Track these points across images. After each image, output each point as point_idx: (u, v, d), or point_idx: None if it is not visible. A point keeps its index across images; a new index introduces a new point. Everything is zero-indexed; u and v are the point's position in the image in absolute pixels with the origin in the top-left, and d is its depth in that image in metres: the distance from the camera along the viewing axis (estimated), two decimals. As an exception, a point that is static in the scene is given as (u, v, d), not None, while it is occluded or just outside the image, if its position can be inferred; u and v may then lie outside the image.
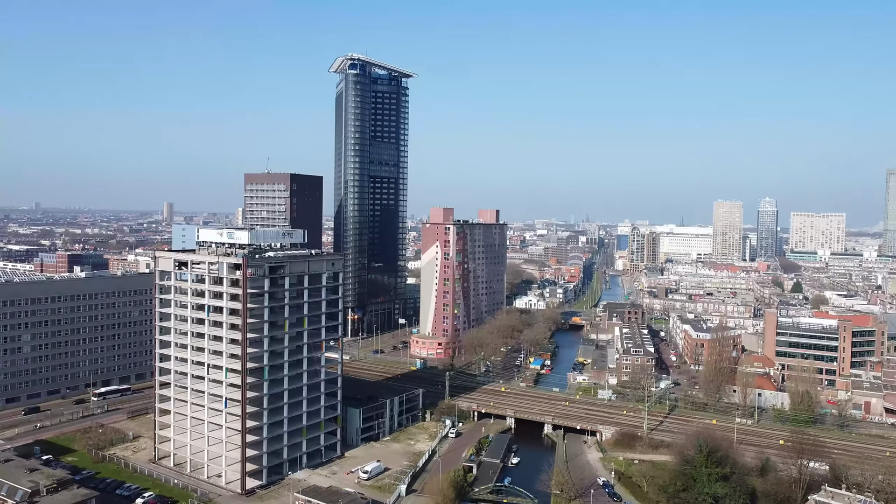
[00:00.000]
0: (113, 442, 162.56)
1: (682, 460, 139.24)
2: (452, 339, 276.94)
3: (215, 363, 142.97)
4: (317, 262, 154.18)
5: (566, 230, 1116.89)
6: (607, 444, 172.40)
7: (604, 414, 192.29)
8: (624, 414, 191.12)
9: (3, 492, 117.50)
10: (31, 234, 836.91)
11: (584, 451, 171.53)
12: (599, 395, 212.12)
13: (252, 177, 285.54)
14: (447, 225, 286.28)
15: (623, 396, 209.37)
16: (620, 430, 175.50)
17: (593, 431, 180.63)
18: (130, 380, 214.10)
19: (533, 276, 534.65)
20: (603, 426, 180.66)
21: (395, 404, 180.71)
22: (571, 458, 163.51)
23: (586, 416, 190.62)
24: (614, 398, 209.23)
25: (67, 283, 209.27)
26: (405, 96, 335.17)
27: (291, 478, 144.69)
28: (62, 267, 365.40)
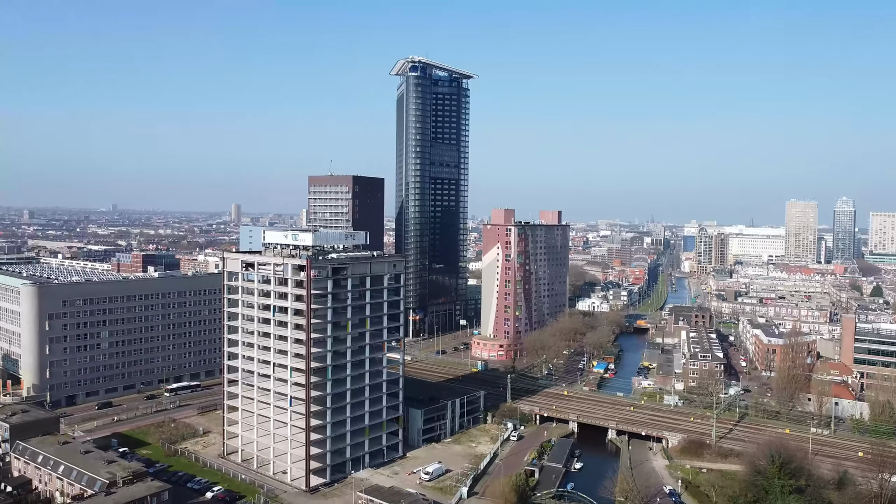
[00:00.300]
0: (184, 436, 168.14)
1: (753, 470, 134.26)
2: (514, 342, 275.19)
3: (280, 362, 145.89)
4: (378, 263, 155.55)
5: (630, 231, 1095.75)
6: (673, 452, 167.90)
7: (670, 420, 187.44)
8: (691, 421, 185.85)
9: (84, 482, 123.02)
10: (109, 234, 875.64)
11: (650, 457, 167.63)
12: (665, 401, 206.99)
13: (316, 179, 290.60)
14: (508, 226, 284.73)
15: (690, 402, 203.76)
16: (687, 438, 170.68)
17: (659, 438, 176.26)
18: (200, 376, 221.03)
19: (596, 277, 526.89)
20: (669, 433, 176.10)
21: (456, 406, 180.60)
22: (636, 465, 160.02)
23: (652, 421, 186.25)
24: (681, 404, 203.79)
25: (142, 283, 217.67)
26: (466, 97, 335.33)
27: (354, 476, 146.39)
28: (137, 266, 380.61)
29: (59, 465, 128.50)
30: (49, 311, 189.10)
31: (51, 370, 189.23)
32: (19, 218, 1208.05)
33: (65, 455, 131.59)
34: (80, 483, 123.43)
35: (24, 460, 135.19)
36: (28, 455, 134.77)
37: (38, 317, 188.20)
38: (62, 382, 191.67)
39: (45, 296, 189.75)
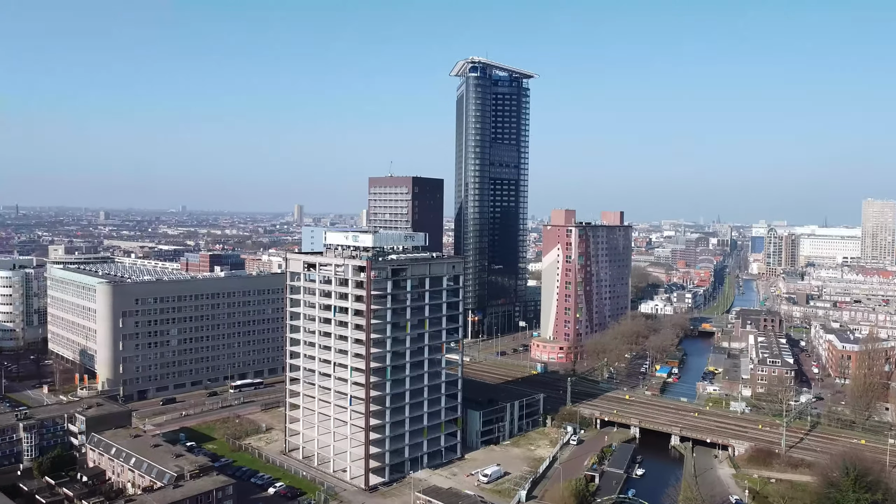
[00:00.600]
0: (248, 432, 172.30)
1: (825, 482, 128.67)
2: (574, 344, 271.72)
3: (341, 362, 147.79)
4: (438, 264, 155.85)
5: (695, 231, 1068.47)
6: (740, 460, 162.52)
7: (737, 427, 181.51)
8: (759, 428, 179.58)
9: (153, 474, 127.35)
10: (178, 234, 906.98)
11: (715, 466, 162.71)
12: (732, 408, 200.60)
13: (376, 180, 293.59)
14: (569, 227, 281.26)
15: (758, 410, 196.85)
16: (755, 446, 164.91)
17: (725, 446, 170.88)
18: (264, 374, 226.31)
19: (659, 279, 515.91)
20: (735, 440, 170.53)
21: (515, 408, 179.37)
22: (700, 473, 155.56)
23: (717, 428, 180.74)
24: (748, 411, 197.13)
25: (209, 282, 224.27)
26: (526, 97, 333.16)
27: (412, 477, 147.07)
28: (204, 266, 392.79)
29: (130, 458, 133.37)
30: (122, 308, 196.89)
31: (123, 365, 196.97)
32: (96, 218, 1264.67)
33: (136, 448, 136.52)
34: (149, 475, 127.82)
35: (99, 452, 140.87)
36: (102, 447, 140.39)
37: (113, 314, 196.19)
38: (134, 377, 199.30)
39: (118, 294, 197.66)
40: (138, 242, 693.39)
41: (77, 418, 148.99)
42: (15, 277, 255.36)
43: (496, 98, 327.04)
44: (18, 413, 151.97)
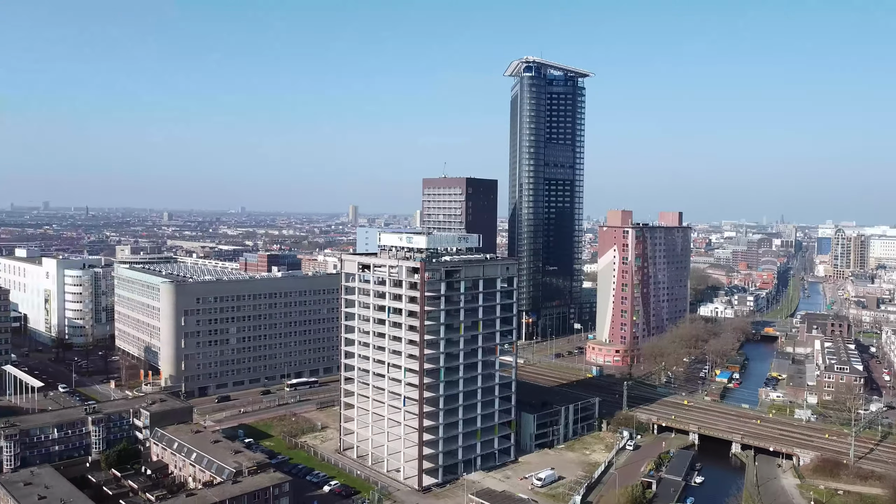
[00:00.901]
0: (304, 430, 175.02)
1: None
2: (630, 347, 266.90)
3: (394, 362, 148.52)
4: (491, 266, 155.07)
5: (757, 232, 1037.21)
6: (805, 471, 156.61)
7: (801, 436, 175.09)
8: (825, 438, 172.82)
9: (213, 469, 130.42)
10: (238, 235, 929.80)
11: (778, 475, 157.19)
12: (796, 415, 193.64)
13: (430, 181, 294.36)
14: (625, 228, 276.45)
15: (824, 418, 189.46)
16: (821, 456, 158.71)
17: (789, 455, 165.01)
18: (319, 373, 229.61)
19: (719, 281, 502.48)
20: (800, 449, 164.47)
21: (570, 412, 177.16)
22: (763, 483, 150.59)
23: (780, 436, 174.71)
24: (814, 419, 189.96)
25: (266, 283, 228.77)
26: (581, 96, 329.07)
27: (466, 479, 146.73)
28: (262, 266, 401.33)
29: (192, 453, 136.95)
30: (184, 307, 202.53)
31: (185, 363, 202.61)
32: (160, 219, 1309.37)
33: (197, 443, 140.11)
34: (209, 470, 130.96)
35: (162, 446, 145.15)
36: (165, 442, 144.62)
37: (175, 312, 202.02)
38: (195, 374, 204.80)
39: (181, 293, 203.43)
40: (199, 242, 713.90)
41: (142, 413, 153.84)
42: (85, 277, 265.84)
43: (551, 97, 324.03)
44: (88, 407, 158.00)
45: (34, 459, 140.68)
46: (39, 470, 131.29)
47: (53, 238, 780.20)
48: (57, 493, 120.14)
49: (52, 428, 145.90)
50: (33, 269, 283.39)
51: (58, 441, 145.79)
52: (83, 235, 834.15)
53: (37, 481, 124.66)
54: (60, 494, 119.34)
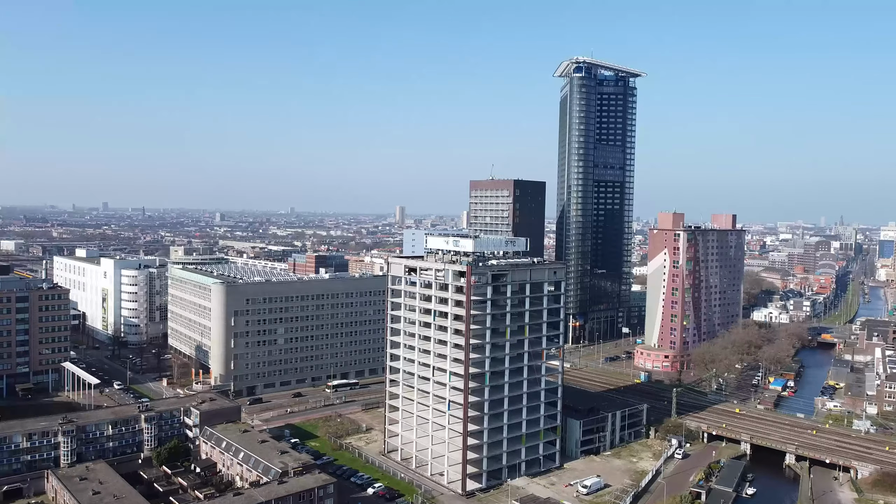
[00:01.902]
0: (349, 432, 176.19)
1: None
2: (680, 353, 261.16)
3: (440, 366, 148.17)
4: (539, 270, 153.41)
5: (815, 234, 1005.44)
6: (864, 484, 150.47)
7: (860, 448, 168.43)
8: (886, 450, 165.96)
9: (260, 469, 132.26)
10: (286, 235, 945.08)
11: (835, 488, 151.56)
12: (855, 426, 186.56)
13: (477, 183, 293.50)
14: (677, 231, 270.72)
15: (885, 430, 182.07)
16: (882, 469, 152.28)
17: (846, 467, 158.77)
18: (364, 374, 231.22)
19: (774, 285, 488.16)
20: (859, 462, 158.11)
21: (617, 418, 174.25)
22: (818, 496, 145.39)
23: (838, 448, 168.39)
24: (873, 431, 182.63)
25: (314, 284, 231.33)
26: (632, 97, 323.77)
27: (510, 484, 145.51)
28: (310, 266, 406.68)
29: (239, 452, 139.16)
30: (234, 307, 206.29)
31: (234, 362, 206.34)
32: (212, 219, 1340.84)
33: (245, 443, 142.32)
34: (256, 470, 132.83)
35: (211, 445, 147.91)
36: (214, 440, 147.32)
37: (226, 313, 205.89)
38: (244, 374, 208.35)
39: (231, 294, 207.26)
40: (250, 243, 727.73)
41: (192, 412, 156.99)
42: (140, 276, 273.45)
43: (601, 98, 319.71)
44: (140, 405, 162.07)
45: (89, 455, 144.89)
46: (94, 465, 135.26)
47: (112, 238, 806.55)
48: (110, 488, 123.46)
49: (107, 425, 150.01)
50: (92, 268, 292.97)
51: (112, 437, 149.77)
52: (139, 235, 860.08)
53: (91, 476, 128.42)
54: (114, 490, 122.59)
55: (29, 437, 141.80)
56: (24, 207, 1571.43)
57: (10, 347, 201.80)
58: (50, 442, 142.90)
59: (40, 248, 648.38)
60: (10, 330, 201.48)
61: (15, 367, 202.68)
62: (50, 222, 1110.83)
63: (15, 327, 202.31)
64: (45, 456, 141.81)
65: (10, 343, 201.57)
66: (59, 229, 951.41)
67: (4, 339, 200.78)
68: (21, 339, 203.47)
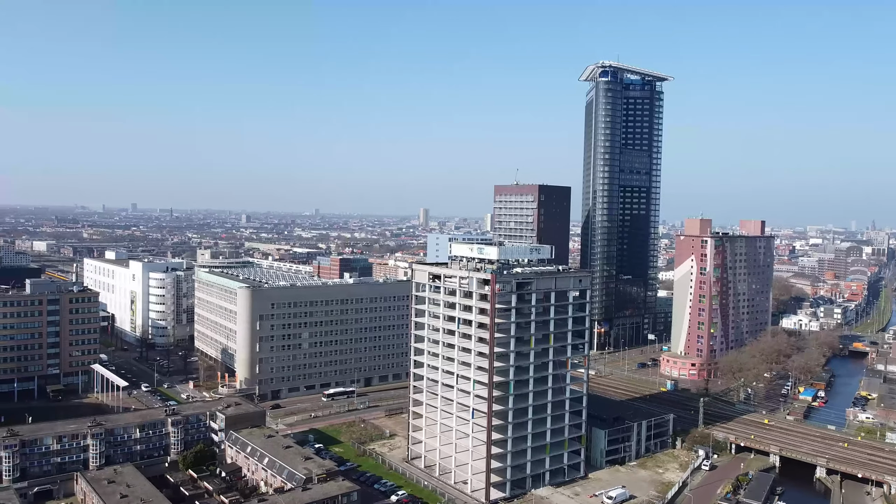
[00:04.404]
0: (372, 437, 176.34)
1: None
2: (707, 361, 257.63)
3: (463, 374, 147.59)
4: (564, 278, 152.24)
5: (846, 239, 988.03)
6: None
7: (894, 462, 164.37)
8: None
9: (284, 475, 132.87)
10: (311, 237, 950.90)
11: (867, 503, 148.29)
12: (888, 439, 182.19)
13: (501, 188, 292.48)
14: (704, 237, 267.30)
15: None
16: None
17: (880, 482, 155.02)
18: (388, 378, 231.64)
19: (804, 292, 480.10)
20: (892, 477, 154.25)
21: (643, 428, 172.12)
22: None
23: (871, 462, 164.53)
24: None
25: (338, 289, 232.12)
26: (659, 101, 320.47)
27: (534, 493, 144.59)
28: (335, 269, 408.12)
29: (264, 457, 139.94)
30: (260, 311, 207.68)
31: (259, 366, 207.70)
32: (238, 221, 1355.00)
33: (269, 448, 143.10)
34: (281, 476, 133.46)
35: (236, 449, 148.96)
36: (239, 445, 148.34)
37: (251, 317, 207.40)
38: (268, 378, 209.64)
39: (257, 298, 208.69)
40: (275, 245, 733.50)
41: (218, 416, 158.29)
42: (167, 279, 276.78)
43: (627, 102, 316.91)
44: (167, 409, 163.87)
45: (117, 458, 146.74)
46: (122, 468, 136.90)
47: (140, 239, 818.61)
48: (138, 491, 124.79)
49: (134, 428, 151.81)
50: (121, 270, 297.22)
51: (139, 441, 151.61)
52: (167, 237, 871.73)
53: (119, 479, 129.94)
54: (141, 494, 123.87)
55: (59, 439, 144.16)
56: (56, 208, 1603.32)
57: (42, 349, 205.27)
58: (79, 444, 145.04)
59: (71, 248, 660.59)
60: (41, 332, 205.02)
61: (46, 369, 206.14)
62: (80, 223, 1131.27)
63: (46, 329, 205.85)
64: (74, 458, 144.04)
65: (41, 345, 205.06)
66: (90, 230, 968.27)
67: (36, 341, 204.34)
68: (52, 342, 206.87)
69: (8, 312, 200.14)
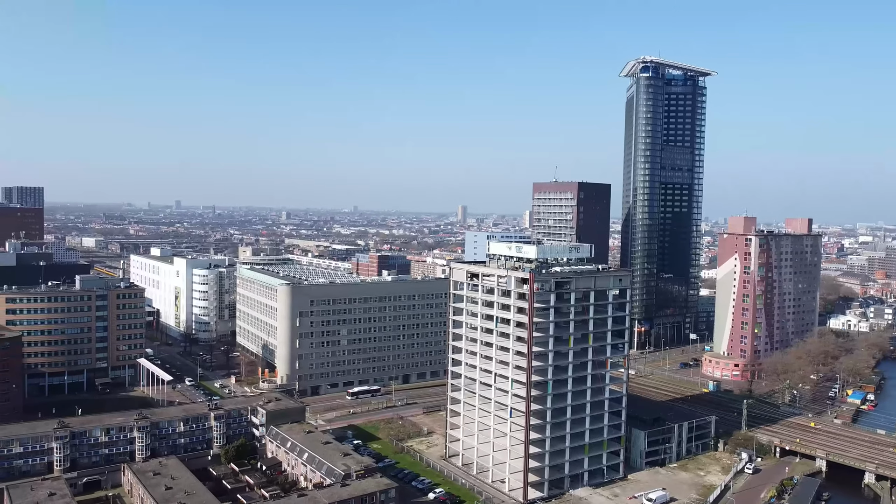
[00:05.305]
0: (410, 435, 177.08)
1: None
2: (751, 362, 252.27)
3: (501, 373, 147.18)
4: (603, 277, 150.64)
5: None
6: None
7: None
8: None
9: (323, 471, 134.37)
10: (350, 234, 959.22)
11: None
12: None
13: (540, 186, 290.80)
14: (748, 236, 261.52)
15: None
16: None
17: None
18: (426, 376, 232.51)
19: (853, 291, 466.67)
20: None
21: (683, 429, 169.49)
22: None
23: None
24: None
25: (376, 286, 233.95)
26: (702, 97, 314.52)
27: (572, 494, 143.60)
28: (373, 267, 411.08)
29: (304, 453, 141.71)
30: (300, 308, 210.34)
31: (299, 362, 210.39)
32: (279, 218, 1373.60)
33: (309, 444, 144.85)
34: (320, 471, 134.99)
35: (276, 444, 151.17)
36: (279, 440, 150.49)
37: (291, 313, 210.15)
38: (308, 374, 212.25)
39: (297, 295, 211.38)
40: (314, 241, 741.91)
41: (259, 411, 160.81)
42: (210, 276, 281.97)
43: (669, 98, 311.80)
44: (210, 403, 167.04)
45: (162, 450, 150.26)
46: (167, 461, 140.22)
47: (184, 236, 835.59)
48: (182, 484, 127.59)
49: (179, 422, 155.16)
50: (166, 267, 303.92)
51: (183, 434, 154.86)
52: (210, 233, 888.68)
53: (164, 472, 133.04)
54: (185, 486, 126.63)
55: (107, 431, 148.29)
56: (104, 205, 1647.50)
57: (91, 343, 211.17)
58: (126, 437, 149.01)
59: (118, 245, 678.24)
60: (90, 327, 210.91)
61: (95, 363, 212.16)
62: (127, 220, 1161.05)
63: (95, 324, 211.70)
64: (121, 450, 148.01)
65: (90, 339, 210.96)
66: (136, 227, 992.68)
67: (85, 335, 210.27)
68: (100, 336, 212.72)
69: (59, 307, 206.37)
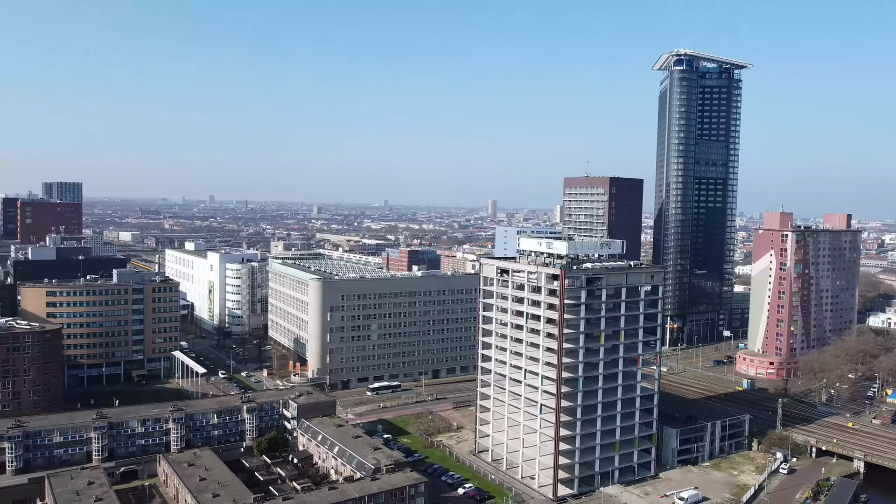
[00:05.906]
0: (440, 430, 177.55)
1: None
2: (787, 360, 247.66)
3: (531, 369, 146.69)
4: (635, 274, 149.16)
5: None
6: None
7: None
8: None
9: (353, 464, 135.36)
10: (380, 229, 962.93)
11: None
12: None
13: (571, 181, 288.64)
14: (784, 232, 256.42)
15: None
16: None
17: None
18: (456, 371, 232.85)
19: (893, 288, 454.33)
20: None
21: (717, 428, 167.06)
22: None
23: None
24: None
25: (407, 281, 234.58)
26: (737, 90, 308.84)
27: (602, 492, 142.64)
28: (403, 262, 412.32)
29: (334, 446, 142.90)
30: (330, 303, 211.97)
31: (330, 356, 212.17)
32: (310, 212, 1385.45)
33: (339, 437, 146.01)
34: (350, 465, 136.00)
35: (308, 437, 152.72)
36: (311, 433, 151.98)
37: (322, 308, 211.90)
38: (339, 368, 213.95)
39: (328, 289, 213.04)
40: (345, 236, 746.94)
41: (290, 404, 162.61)
42: (243, 270, 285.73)
43: (703, 91, 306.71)
44: (243, 396, 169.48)
45: (197, 441, 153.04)
46: (201, 452, 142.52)
47: (217, 230, 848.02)
48: (215, 475, 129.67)
49: (212, 414, 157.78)
50: (200, 261, 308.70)
51: (217, 426, 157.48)
52: (243, 228, 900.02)
53: (198, 463, 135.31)
54: (218, 477, 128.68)
55: (143, 422, 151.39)
56: (140, 200, 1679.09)
57: (127, 336, 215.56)
58: (162, 428, 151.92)
59: (154, 239, 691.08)
60: (127, 320, 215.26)
61: (131, 355, 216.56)
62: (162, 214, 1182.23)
63: (131, 317, 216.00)
64: (157, 441, 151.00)
65: (126, 332, 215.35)
66: (171, 221, 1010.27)
67: (122, 328, 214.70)
68: (137, 329, 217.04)
69: (97, 301, 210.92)
